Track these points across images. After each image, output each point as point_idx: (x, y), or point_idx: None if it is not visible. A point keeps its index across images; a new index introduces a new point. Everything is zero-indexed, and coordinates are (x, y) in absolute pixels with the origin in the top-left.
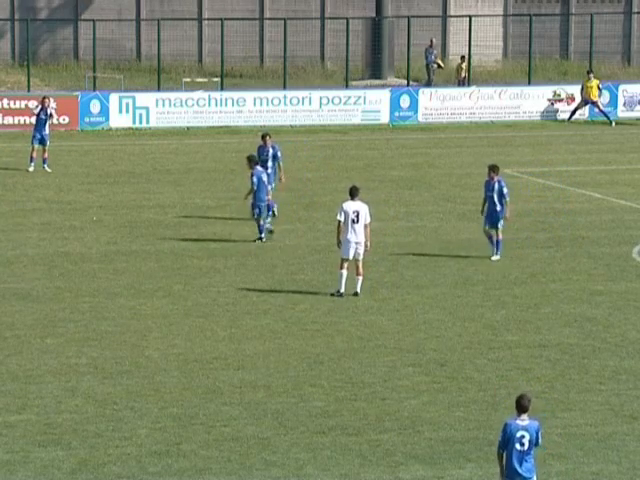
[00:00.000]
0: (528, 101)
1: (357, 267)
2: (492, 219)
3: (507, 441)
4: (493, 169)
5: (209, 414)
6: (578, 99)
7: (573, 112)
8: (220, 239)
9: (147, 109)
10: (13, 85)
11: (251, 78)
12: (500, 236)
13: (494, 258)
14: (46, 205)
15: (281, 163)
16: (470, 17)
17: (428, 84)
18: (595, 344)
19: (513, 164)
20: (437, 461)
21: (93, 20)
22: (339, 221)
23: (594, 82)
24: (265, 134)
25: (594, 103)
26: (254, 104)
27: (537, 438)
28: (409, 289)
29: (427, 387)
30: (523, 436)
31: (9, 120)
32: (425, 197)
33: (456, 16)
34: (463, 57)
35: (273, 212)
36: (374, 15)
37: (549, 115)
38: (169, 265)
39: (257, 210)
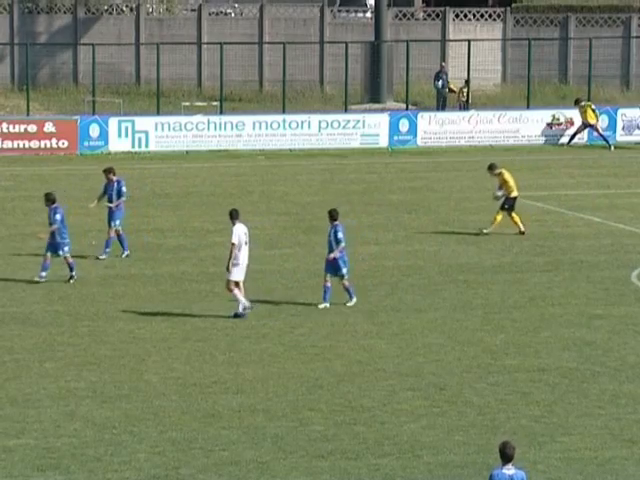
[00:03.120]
0: (527, 125)
1: (241, 289)
2: (333, 267)
3: None
4: (331, 215)
5: (208, 438)
6: (577, 123)
7: (572, 136)
8: (219, 263)
9: (146, 133)
10: (12, 109)
11: (250, 102)
12: (347, 283)
13: (322, 306)
14: (44, 229)
15: (124, 198)
16: (469, 41)
17: (440, 109)
18: (594, 368)
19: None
20: None
21: (92, 44)
22: (233, 243)
23: (587, 106)
24: (108, 169)
25: (593, 127)
26: (253, 128)
27: None
28: (408, 313)
29: (426, 411)
30: None
31: (8, 144)
32: (424, 221)
33: (455, 40)
34: (467, 81)
35: (124, 252)
36: (373, 39)
37: (548, 139)
38: (168, 289)
39: (67, 248)
